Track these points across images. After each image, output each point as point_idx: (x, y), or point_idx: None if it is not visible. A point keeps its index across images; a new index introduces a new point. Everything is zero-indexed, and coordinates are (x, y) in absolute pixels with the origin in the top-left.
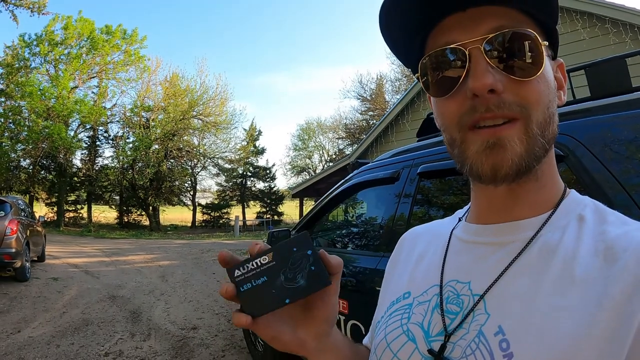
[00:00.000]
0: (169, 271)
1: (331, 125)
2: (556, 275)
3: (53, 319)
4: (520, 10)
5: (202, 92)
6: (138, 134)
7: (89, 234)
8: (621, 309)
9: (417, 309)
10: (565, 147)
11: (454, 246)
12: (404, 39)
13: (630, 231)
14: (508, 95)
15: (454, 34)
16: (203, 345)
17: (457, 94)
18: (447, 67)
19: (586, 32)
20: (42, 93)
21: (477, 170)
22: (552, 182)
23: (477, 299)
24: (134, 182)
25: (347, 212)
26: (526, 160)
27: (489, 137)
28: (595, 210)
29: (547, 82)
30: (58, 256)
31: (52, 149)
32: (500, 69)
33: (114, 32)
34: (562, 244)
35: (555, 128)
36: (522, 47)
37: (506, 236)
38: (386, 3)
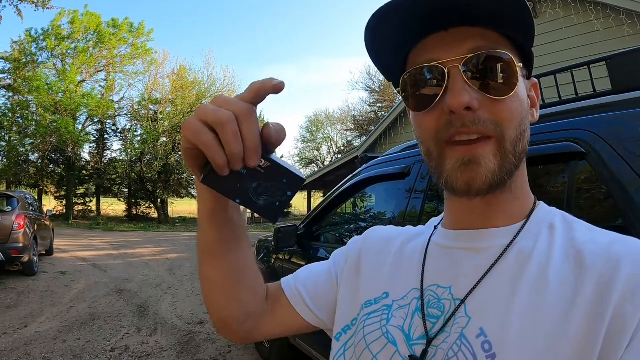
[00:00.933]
0: (176, 264)
1: (339, 117)
2: (532, 279)
3: (60, 313)
4: (498, 32)
5: (210, 84)
6: (146, 126)
7: (98, 227)
8: (593, 307)
9: (397, 312)
10: (585, 143)
11: (432, 251)
12: (388, 55)
13: (596, 237)
14: (483, 112)
15: (435, 52)
16: (209, 341)
17: (435, 110)
18: (427, 83)
19: (600, 23)
20: (50, 87)
21: (452, 184)
22: (524, 194)
23: (459, 303)
24: (142, 175)
25: (356, 207)
26: (499, 175)
27: (464, 154)
28: (564, 219)
29: (521, 101)
30: (66, 250)
31: (60, 142)
32: (477, 87)
33: (120, 25)
34: (536, 251)
35: (525, 144)
36: (498, 68)
37: (483, 242)
38: (372, 21)
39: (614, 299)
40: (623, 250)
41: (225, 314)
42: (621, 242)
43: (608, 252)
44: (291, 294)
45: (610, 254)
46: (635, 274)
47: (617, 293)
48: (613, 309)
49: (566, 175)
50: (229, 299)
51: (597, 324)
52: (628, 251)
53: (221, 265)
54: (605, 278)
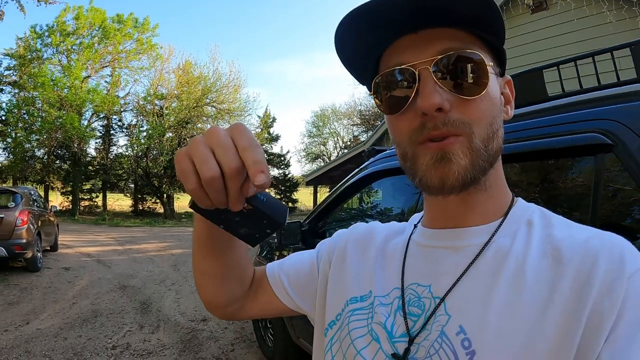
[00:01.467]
0: (181, 260)
1: (345, 111)
2: (510, 276)
3: (62, 310)
4: (468, 32)
5: (215, 79)
6: (152, 122)
7: (104, 222)
8: (571, 303)
9: (380, 309)
10: (612, 134)
11: (412, 250)
12: (358, 59)
13: (573, 232)
14: (454, 113)
15: (405, 54)
16: (212, 339)
17: (408, 112)
18: (398, 86)
19: (612, 14)
20: (55, 83)
21: (426, 182)
22: (501, 191)
23: (438, 302)
24: (148, 170)
25: (363, 203)
26: (471, 172)
27: (436, 151)
28: (542, 215)
29: (492, 99)
30: (71, 245)
31: (65, 138)
32: (448, 88)
33: (125, 21)
34: (513, 248)
35: (500, 142)
36: (468, 68)
37: (461, 241)
38: (341, 25)
39: (591, 294)
40: (600, 246)
41: (213, 299)
42: (598, 237)
43: (585, 247)
44: (273, 281)
45: (588, 250)
46: (612, 269)
47: (595, 289)
48: (591, 305)
49: (591, 169)
50: (217, 288)
51: (574, 320)
52: (605, 246)
53: (212, 259)
54: (583, 274)
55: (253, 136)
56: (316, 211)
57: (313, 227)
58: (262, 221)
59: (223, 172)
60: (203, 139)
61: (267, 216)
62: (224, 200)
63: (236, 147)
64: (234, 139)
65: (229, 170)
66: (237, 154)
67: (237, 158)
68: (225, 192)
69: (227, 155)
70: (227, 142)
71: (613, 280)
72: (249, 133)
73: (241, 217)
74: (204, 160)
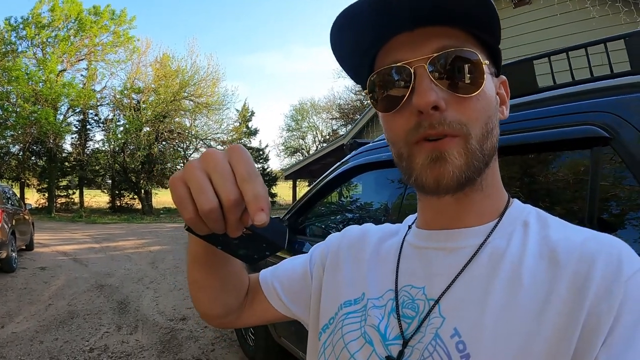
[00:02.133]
0: (159, 257)
1: (325, 105)
2: (505, 278)
3: (38, 312)
4: (464, 31)
5: (193, 72)
6: (128, 116)
7: (81, 219)
8: (568, 306)
9: (373, 312)
10: (609, 126)
11: (407, 251)
12: (354, 57)
13: (570, 234)
14: (450, 112)
15: (401, 52)
16: (192, 338)
17: (404, 110)
18: (394, 84)
19: (595, 10)
20: (30, 77)
21: (421, 181)
22: (497, 192)
23: (433, 304)
24: (126, 166)
25: (344, 198)
26: (466, 172)
27: (431, 151)
28: (538, 216)
29: (488, 99)
30: (47, 244)
31: (41, 134)
32: (444, 86)
33: (102, 12)
34: (509, 250)
35: (494, 141)
36: (464, 66)
37: (456, 242)
38: (337, 23)
39: (589, 297)
40: (597, 248)
41: (209, 311)
42: (595, 239)
43: (582, 250)
44: (267, 289)
45: (584, 252)
46: (609, 272)
47: (592, 291)
48: (588, 308)
49: (587, 162)
50: (213, 301)
51: (571, 323)
52: (602, 249)
53: (208, 273)
54: (580, 276)
55: (252, 162)
56: (296, 207)
57: (293, 223)
58: (261, 244)
59: (221, 203)
60: (199, 163)
61: (267, 240)
62: (222, 227)
63: (235, 175)
64: (232, 164)
65: (228, 202)
66: (235, 183)
67: (236, 189)
68: (224, 220)
69: (225, 185)
70: (225, 168)
71: (611, 283)
72: (248, 159)
73: (240, 240)
74: (201, 190)
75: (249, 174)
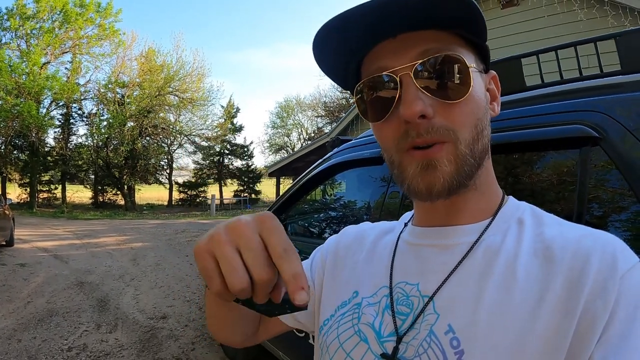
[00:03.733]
0: (140, 254)
1: (310, 103)
2: (500, 275)
3: (17, 309)
4: (449, 33)
5: (179, 67)
6: (112, 111)
7: (62, 215)
8: (563, 302)
9: (367, 310)
10: (599, 126)
11: (401, 248)
12: (339, 65)
13: (564, 231)
14: (438, 119)
15: (386, 60)
16: (172, 337)
17: (392, 119)
18: (380, 93)
19: (583, 13)
20: (13, 69)
21: (414, 189)
22: (491, 190)
23: (427, 300)
24: (109, 161)
25: (326, 195)
26: (456, 178)
27: (422, 159)
28: (533, 213)
29: (476, 101)
30: (28, 240)
31: (23, 127)
32: (430, 93)
33: (87, 5)
34: (504, 246)
35: (485, 141)
36: (450, 70)
37: (451, 239)
38: (319, 33)
39: (584, 294)
40: (592, 245)
41: (228, 340)
42: (590, 235)
43: (577, 246)
44: None
45: (579, 249)
46: (604, 268)
47: (587, 288)
48: (583, 304)
49: (576, 163)
50: (233, 332)
51: (566, 320)
52: (597, 245)
53: (227, 310)
54: (575, 273)
55: (285, 235)
56: (276, 204)
57: None
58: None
59: (252, 281)
60: (228, 236)
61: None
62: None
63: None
64: (264, 238)
65: (261, 281)
66: (269, 261)
67: (270, 268)
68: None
69: (259, 265)
70: (258, 245)
71: (606, 279)
72: (281, 232)
73: None
74: (232, 269)
75: (285, 250)
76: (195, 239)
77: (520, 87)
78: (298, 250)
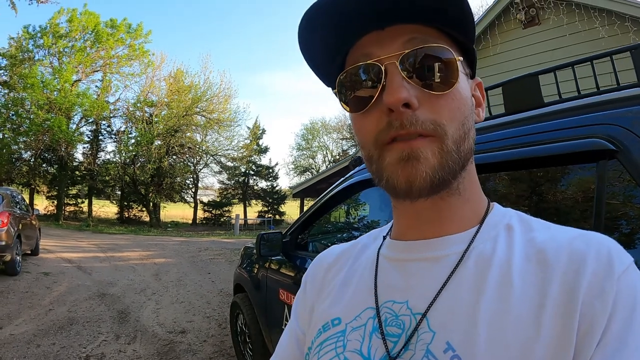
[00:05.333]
0: (163, 269)
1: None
2: (495, 284)
3: (38, 316)
4: (437, 29)
5: (206, 88)
6: (140, 129)
7: (88, 228)
8: (562, 306)
9: (352, 335)
10: (615, 139)
11: (383, 265)
12: (324, 59)
13: (555, 234)
14: (422, 111)
15: (371, 48)
16: (190, 352)
17: (374, 110)
18: (364, 82)
19: (605, 30)
20: (45, 85)
21: (392, 183)
22: (476, 196)
23: (420, 318)
24: (135, 178)
25: (348, 214)
26: (440, 173)
27: (403, 149)
28: (520, 219)
29: (463, 98)
30: (53, 250)
31: (53, 141)
32: (415, 84)
33: (118, 26)
34: (495, 254)
35: (471, 143)
36: (437, 62)
37: (439, 251)
38: (303, 24)
39: (581, 296)
40: (586, 246)
41: None
42: (582, 237)
43: (570, 248)
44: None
45: (573, 251)
46: (600, 270)
47: (584, 290)
48: (581, 307)
49: (593, 176)
50: None
51: (568, 323)
52: (591, 247)
53: None
54: (570, 276)
55: None
56: (298, 222)
57: (294, 239)
58: None
59: None
60: None
61: None
62: None
63: None
64: None
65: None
66: None
67: None
68: None
69: None
70: None
71: (602, 281)
72: None
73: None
74: None
75: None
76: (218, 257)
77: (538, 104)
78: None
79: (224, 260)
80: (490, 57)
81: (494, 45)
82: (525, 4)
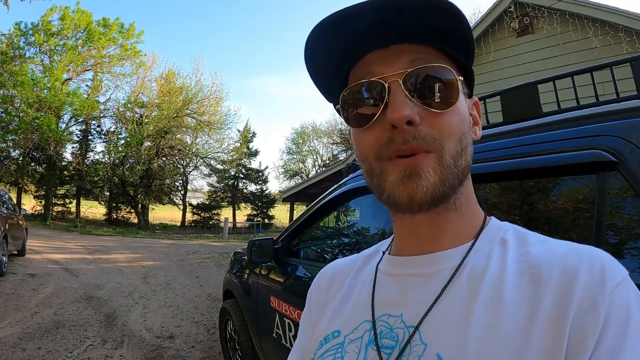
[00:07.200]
0: (151, 272)
1: (326, 130)
2: (487, 298)
3: (23, 319)
4: (438, 50)
5: (197, 90)
6: (130, 129)
7: (75, 229)
8: (553, 321)
9: (350, 347)
10: (616, 150)
11: (381, 280)
12: (328, 75)
13: (551, 248)
14: (424, 127)
15: (375, 66)
16: (178, 357)
17: (376, 126)
18: (367, 99)
19: (598, 40)
20: (35, 83)
21: (394, 198)
22: (472, 211)
23: (412, 331)
24: (124, 179)
25: (340, 221)
26: (440, 188)
27: (406, 167)
28: (516, 233)
29: (462, 115)
30: (40, 251)
31: (42, 140)
32: (417, 101)
33: (110, 25)
34: (489, 269)
35: (468, 159)
36: (439, 82)
37: (434, 266)
38: (310, 40)
39: (572, 311)
40: (578, 260)
41: None
42: (576, 251)
43: (563, 263)
44: None
45: (566, 265)
46: (592, 284)
47: (575, 305)
48: (571, 322)
49: (593, 188)
50: None
51: (558, 339)
52: (584, 260)
53: None
54: (563, 290)
55: None
56: (290, 229)
57: (286, 245)
58: None
59: None
60: None
61: None
62: None
63: None
64: None
65: None
66: None
67: None
68: None
69: None
70: None
71: (595, 296)
72: None
73: None
74: None
75: None
76: (207, 261)
77: (537, 114)
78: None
79: (213, 264)
80: (483, 64)
81: (487, 53)
82: (519, 12)
